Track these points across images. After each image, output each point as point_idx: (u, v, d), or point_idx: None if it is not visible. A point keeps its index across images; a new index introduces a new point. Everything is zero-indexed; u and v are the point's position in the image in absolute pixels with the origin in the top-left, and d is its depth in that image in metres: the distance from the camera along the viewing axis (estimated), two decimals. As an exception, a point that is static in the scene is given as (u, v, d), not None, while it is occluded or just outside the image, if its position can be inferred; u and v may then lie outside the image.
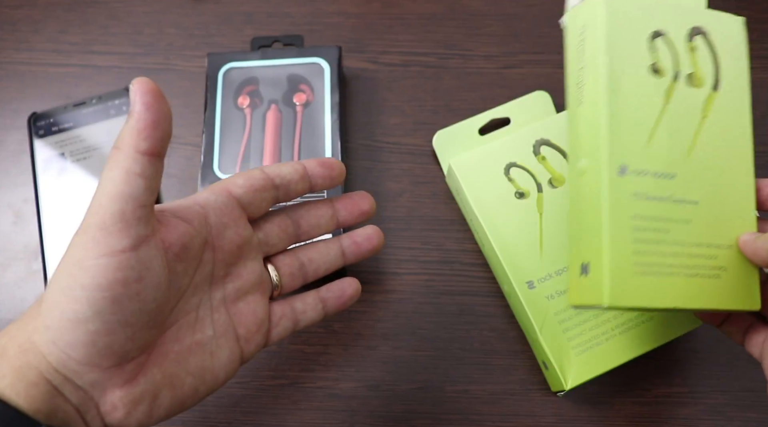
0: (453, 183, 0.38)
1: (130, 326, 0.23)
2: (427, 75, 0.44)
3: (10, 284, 0.40)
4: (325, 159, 0.31)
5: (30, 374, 0.22)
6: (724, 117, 0.30)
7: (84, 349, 0.22)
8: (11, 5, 0.47)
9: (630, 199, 0.27)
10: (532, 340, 0.35)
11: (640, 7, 0.29)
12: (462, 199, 0.38)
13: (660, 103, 0.29)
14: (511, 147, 0.37)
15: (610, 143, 0.27)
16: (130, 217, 0.23)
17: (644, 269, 0.27)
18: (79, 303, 0.22)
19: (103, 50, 0.45)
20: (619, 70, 0.28)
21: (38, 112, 0.42)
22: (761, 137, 0.42)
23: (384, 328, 0.38)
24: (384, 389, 0.37)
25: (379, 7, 0.46)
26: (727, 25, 0.31)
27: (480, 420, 0.36)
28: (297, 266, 0.31)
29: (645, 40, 0.29)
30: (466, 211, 0.38)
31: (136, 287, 0.23)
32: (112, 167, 0.23)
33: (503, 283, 0.37)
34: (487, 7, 0.46)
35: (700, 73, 0.30)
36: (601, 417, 0.36)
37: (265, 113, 0.40)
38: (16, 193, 0.42)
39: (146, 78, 0.23)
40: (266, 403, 0.36)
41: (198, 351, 0.26)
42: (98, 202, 0.23)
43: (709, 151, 0.29)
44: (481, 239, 0.37)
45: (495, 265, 0.37)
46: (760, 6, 0.45)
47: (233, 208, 0.28)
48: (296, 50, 0.42)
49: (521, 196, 0.36)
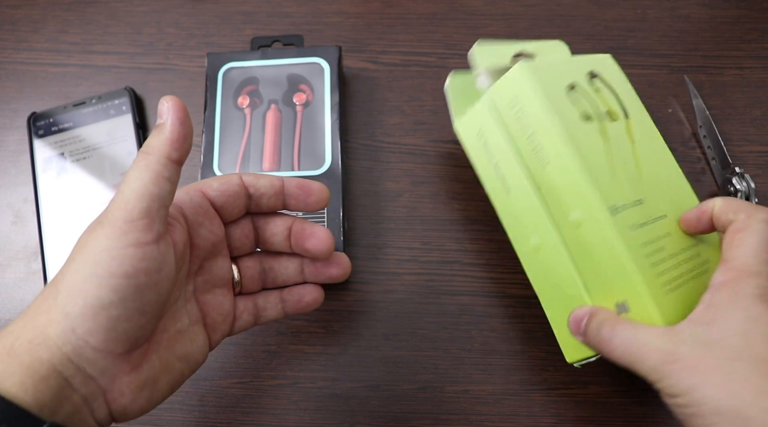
0: (506, 95, 0.32)
1: (145, 314, 0.25)
2: (427, 75, 0.44)
3: (10, 284, 0.40)
4: (307, 182, 0.31)
5: (41, 370, 0.23)
6: (643, 137, 0.33)
7: (103, 334, 0.23)
8: (11, 5, 0.47)
9: (631, 232, 0.29)
10: (606, 278, 0.30)
11: (548, 69, 0.32)
12: (522, 111, 0.32)
13: (602, 143, 0.31)
14: (568, 69, 0.33)
15: (597, 189, 0.30)
16: (155, 214, 0.25)
17: (670, 286, 0.29)
18: (104, 289, 0.23)
19: (103, 50, 0.45)
20: (567, 124, 0.31)
21: (38, 112, 0.42)
22: (761, 137, 0.42)
23: (384, 328, 0.38)
24: (384, 389, 0.37)
25: (379, 7, 0.46)
26: (605, 63, 0.35)
27: (480, 420, 0.36)
28: (258, 269, 0.33)
29: (565, 95, 0.32)
30: (524, 126, 0.32)
31: (156, 277, 0.25)
32: (142, 169, 0.25)
33: (573, 208, 0.31)
34: (486, 7, 0.46)
35: (612, 108, 0.33)
36: (601, 417, 0.36)
37: (265, 113, 0.40)
38: (16, 194, 0.42)
39: (175, 96, 0.27)
40: (266, 403, 0.36)
41: (180, 338, 0.28)
42: (126, 199, 0.25)
43: (651, 170, 0.32)
44: (543, 158, 0.31)
45: (564, 189, 0.31)
46: (760, 6, 0.45)
47: (207, 208, 0.30)
48: (296, 50, 0.41)
49: (587, 119, 0.32)
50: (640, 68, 0.44)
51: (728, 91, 0.43)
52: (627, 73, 0.44)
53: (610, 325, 0.28)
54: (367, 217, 0.40)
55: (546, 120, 0.30)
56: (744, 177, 0.38)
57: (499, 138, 0.33)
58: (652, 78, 0.43)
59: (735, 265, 0.26)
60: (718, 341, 0.25)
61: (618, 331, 0.27)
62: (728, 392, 0.24)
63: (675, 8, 0.46)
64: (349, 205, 0.41)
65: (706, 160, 0.41)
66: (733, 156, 0.40)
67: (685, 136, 0.42)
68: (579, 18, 0.46)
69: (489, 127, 0.33)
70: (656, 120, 0.42)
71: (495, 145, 0.33)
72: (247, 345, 0.38)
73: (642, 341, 0.26)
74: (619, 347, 0.27)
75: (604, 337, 0.28)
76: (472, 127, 0.34)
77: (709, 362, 0.25)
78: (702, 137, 0.41)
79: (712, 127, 0.40)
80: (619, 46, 0.44)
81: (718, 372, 0.24)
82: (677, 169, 0.34)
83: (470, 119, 0.34)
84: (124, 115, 0.42)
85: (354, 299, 0.38)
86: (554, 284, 0.32)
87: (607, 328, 0.28)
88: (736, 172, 0.38)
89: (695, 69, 0.44)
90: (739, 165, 0.39)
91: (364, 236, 0.40)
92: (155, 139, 0.26)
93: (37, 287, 0.39)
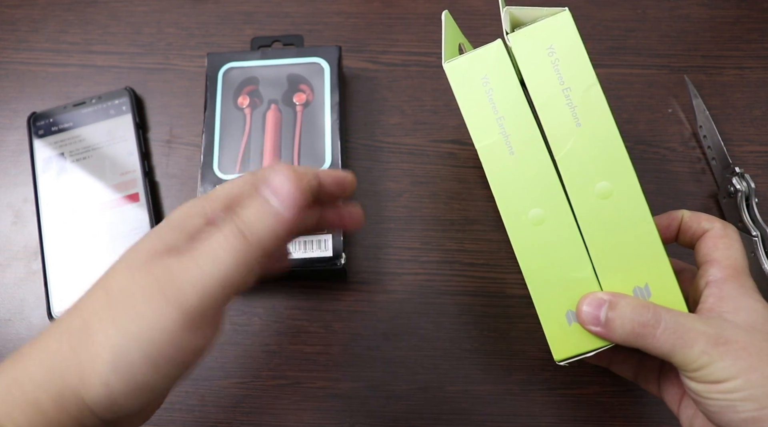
0: (541, 44, 0.29)
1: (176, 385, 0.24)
2: (427, 75, 0.44)
3: (10, 284, 0.40)
4: (341, 178, 0.29)
5: (67, 425, 0.22)
6: None
7: (139, 404, 0.22)
8: (11, 5, 0.47)
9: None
10: (628, 258, 0.28)
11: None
12: (560, 62, 0.28)
13: None
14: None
15: (632, 160, 0.27)
16: (226, 307, 0.24)
17: None
18: (158, 375, 0.22)
19: (103, 50, 0.45)
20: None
21: (38, 112, 0.42)
22: (761, 137, 0.42)
23: (384, 328, 0.38)
24: (384, 389, 0.37)
25: (379, 7, 0.46)
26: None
27: (480, 420, 0.36)
28: None
29: None
30: (563, 79, 0.28)
31: (200, 360, 0.24)
32: (237, 256, 0.23)
33: (602, 178, 0.28)
34: (487, 7, 0.46)
35: None
36: (601, 417, 0.36)
37: (265, 113, 0.40)
38: (16, 193, 0.42)
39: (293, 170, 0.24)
40: (266, 403, 0.36)
41: None
42: (204, 284, 0.22)
43: None
44: (578, 117, 0.28)
45: (595, 155, 0.28)
46: (760, 6, 0.45)
47: None
48: (296, 50, 0.41)
49: None
50: (640, 68, 0.44)
51: (728, 91, 0.43)
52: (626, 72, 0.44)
53: (652, 310, 0.26)
54: (367, 217, 0.40)
55: (590, 76, 0.28)
56: (744, 177, 0.38)
57: (515, 91, 0.28)
58: (652, 78, 0.43)
59: (730, 263, 0.27)
60: (754, 327, 0.25)
61: (663, 316, 0.25)
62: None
63: (675, 8, 0.46)
64: (349, 205, 0.41)
65: (706, 160, 0.41)
66: (733, 156, 0.40)
67: (685, 136, 0.42)
68: (579, 18, 0.45)
69: (502, 75, 0.28)
70: (656, 120, 0.43)
71: (506, 97, 0.28)
72: (247, 345, 0.38)
73: (687, 325, 0.25)
74: (664, 333, 0.25)
75: (648, 322, 0.25)
76: (472, 73, 0.29)
77: (757, 344, 0.24)
78: (702, 137, 0.41)
79: (712, 127, 0.40)
80: (619, 46, 0.44)
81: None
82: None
83: (472, 63, 0.29)
84: (124, 115, 0.42)
85: (354, 299, 0.38)
86: (553, 264, 0.28)
87: (649, 313, 0.26)
88: (736, 172, 0.38)
89: (695, 69, 0.44)
90: (739, 165, 0.39)
91: (364, 236, 0.40)
92: (259, 230, 0.23)
93: (37, 287, 0.39)
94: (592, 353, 0.28)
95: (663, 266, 0.27)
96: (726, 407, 0.24)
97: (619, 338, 0.26)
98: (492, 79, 0.29)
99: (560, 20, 0.28)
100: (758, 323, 0.25)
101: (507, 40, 0.29)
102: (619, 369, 0.33)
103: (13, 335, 0.39)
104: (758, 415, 0.24)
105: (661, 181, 0.41)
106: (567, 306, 0.28)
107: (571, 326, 0.28)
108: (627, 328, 0.26)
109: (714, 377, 0.24)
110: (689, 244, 0.30)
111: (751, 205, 0.37)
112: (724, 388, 0.24)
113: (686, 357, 0.25)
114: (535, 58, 0.28)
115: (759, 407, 0.23)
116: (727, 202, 0.39)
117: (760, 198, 0.38)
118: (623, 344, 0.27)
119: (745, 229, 0.37)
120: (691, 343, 0.25)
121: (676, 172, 0.41)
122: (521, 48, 0.28)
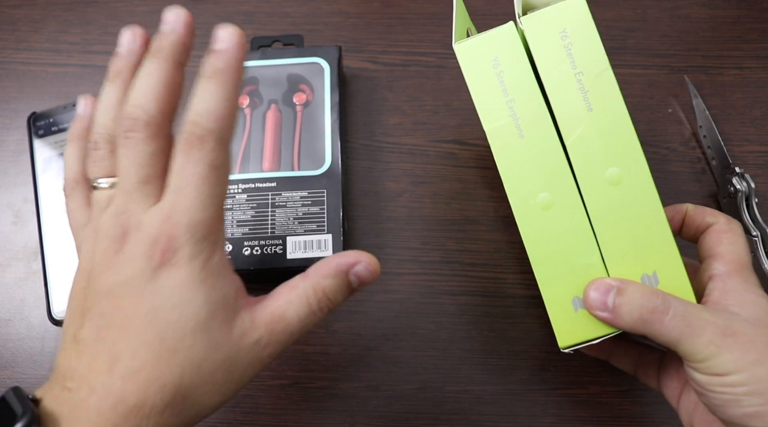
0: (553, 26, 0.29)
1: None
2: (427, 75, 0.44)
3: (10, 284, 0.40)
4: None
5: None
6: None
7: None
8: (11, 5, 0.47)
9: None
10: (636, 245, 0.28)
11: None
12: (574, 46, 0.28)
13: None
14: None
15: (642, 147, 0.27)
16: None
17: None
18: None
19: (103, 50, 0.45)
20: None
21: (38, 112, 0.42)
22: (761, 137, 0.42)
23: (384, 328, 0.38)
24: (384, 389, 0.37)
25: (379, 7, 0.46)
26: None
27: (480, 420, 0.36)
28: None
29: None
30: (575, 63, 0.28)
31: None
32: (301, 303, 0.26)
33: (612, 164, 0.28)
34: (487, 7, 0.46)
35: None
36: (601, 417, 0.36)
37: (265, 113, 0.40)
38: (16, 193, 0.42)
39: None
40: (266, 403, 0.36)
41: None
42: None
43: None
44: (589, 102, 0.28)
45: (606, 141, 0.28)
46: (760, 6, 0.45)
47: None
48: (296, 50, 0.41)
49: None
50: (640, 68, 0.44)
51: (728, 91, 0.43)
52: (626, 72, 0.44)
53: (661, 297, 0.26)
54: (367, 217, 0.40)
55: (603, 61, 0.28)
56: (744, 177, 0.38)
57: (526, 74, 0.28)
58: (652, 78, 0.43)
59: (734, 258, 0.27)
60: (760, 321, 0.25)
61: (671, 303, 0.25)
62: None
63: (675, 8, 0.46)
64: (349, 205, 0.41)
65: (706, 160, 0.41)
66: (733, 156, 0.40)
67: (685, 136, 0.42)
68: (579, 18, 0.46)
69: (513, 58, 0.28)
70: (656, 120, 0.43)
71: (516, 80, 0.28)
72: (247, 345, 0.38)
73: (696, 314, 0.25)
74: (672, 321, 0.25)
75: (657, 308, 0.25)
76: (483, 55, 0.29)
77: (764, 338, 0.24)
78: (702, 137, 0.41)
79: (712, 127, 0.40)
80: (619, 46, 0.44)
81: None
82: None
83: (482, 45, 0.29)
84: (124, 115, 0.42)
85: (354, 299, 0.38)
86: (560, 250, 0.28)
87: (658, 300, 0.25)
88: (736, 172, 0.38)
89: (695, 69, 0.44)
90: (739, 165, 0.39)
91: (364, 236, 0.40)
92: (323, 276, 0.28)
93: (37, 287, 0.39)
94: (597, 341, 0.28)
95: (672, 254, 0.27)
96: (730, 401, 0.24)
97: (626, 325, 0.26)
98: (503, 61, 0.28)
99: (575, 4, 0.28)
100: (763, 317, 0.25)
101: (519, 22, 0.28)
102: (619, 362, 0.33)
103: (13, 335, 0.39)
104: (762, 410, 0.23)
105: (661, 181, 0.41)
106: (573, 292, 0.28)
107: (577, 312, 0.28)
108: (635, 314, 0.26)
109: (720, 368, 0.24)
110: (692, 237, 0.30)
111: (751, 205, 0.37)
112: (729, 381, 0.24)
113: (693, 346, 0.24)
114: (548, 41, 0.28)
115: (764, 402, 0.23)
116: (727, 202, 0.39)
117: (760, 198, 0.38)
118: (630, 330, 0.26)
119: (745, 229, 0.37)
120: (699, 332, 0.24)
121: (676, 172, 0.41)
122: (534, 31, 0.28)
